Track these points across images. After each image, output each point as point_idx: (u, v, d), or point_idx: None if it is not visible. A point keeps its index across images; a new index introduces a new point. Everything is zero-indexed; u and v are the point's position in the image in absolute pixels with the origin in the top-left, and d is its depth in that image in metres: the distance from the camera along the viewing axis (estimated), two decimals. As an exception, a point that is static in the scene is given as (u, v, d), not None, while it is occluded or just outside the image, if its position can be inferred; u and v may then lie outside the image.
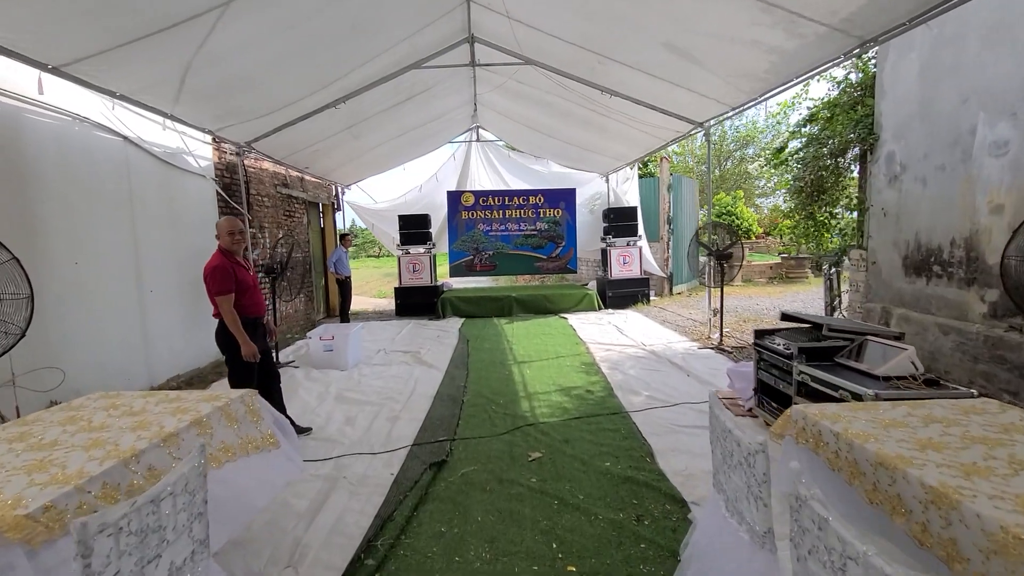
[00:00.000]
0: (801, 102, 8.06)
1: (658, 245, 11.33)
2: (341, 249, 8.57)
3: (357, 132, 7.90)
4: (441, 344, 7.12)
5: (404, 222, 10.50)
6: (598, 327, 8.16)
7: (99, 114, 4.40)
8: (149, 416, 2.19)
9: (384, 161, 10.73)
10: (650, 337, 7.15)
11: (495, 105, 9.10)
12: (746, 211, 13.04)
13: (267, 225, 7.56)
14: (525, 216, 11.45)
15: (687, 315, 9.00)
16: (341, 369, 5.80)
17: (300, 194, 8.92)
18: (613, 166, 10.77)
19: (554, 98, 7.62)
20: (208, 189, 6.08)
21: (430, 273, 10.41)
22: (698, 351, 6.18)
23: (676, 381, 4.99)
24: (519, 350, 6.61)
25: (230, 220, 3.53)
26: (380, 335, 7.98)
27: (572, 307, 9.91)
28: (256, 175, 7.34)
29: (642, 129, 7.67)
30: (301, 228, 8.96)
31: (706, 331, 7.30)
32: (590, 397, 4.57)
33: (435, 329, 8.49)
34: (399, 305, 10.33)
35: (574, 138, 9.34)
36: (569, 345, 6.81)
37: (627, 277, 10.32)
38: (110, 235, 4.51)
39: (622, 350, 6.38)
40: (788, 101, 8.54)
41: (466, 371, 5.63)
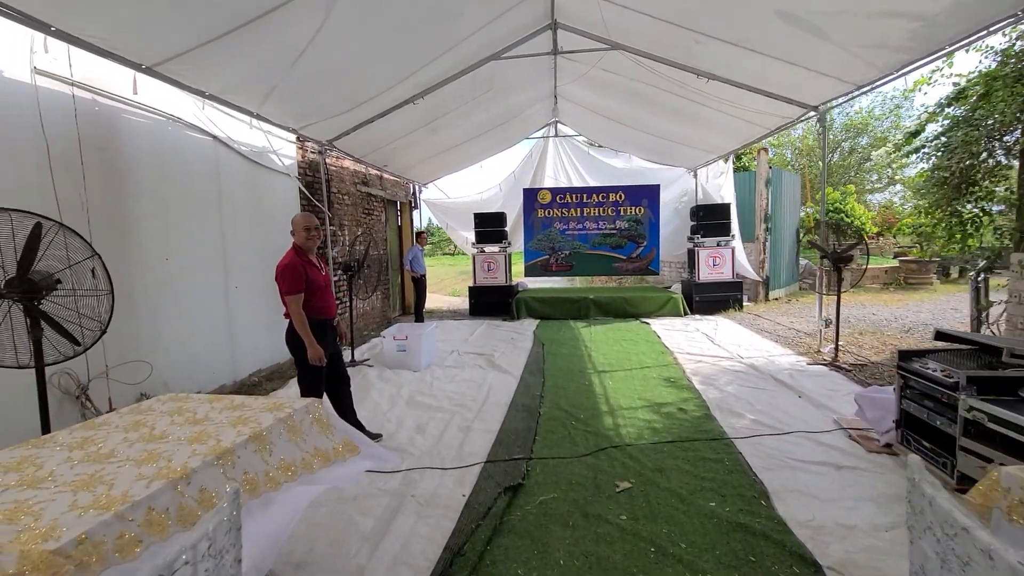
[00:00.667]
0: (940, 79, 6.87)
1: (752, 245, 10.33)
2: (417, 247, 8.53)
3: (435, 128, 7.79)
4: (515, 347, 6.81)
5: (480, 220, 10.34)
6: (685, 334, 7.48)
7: (191, 114, 4.52)
8: (209, 427, 2.03)
9: (461, 159, 10.63)
10: (747, 348, 6.39)
11: (575, 97, 8.66)
12: (858, 208, 11.59)
13: (347, 223, 7.64)
14: (604, 214, 10.91)
15: (788, 324, 8.05)
16: (413, 370, 5.66)
17: (379, 192, 9.00)
18: (703, 159, 9.94)
19: (641, 86, 7.05)
20: (292, 187, 6.18)
21: (505, 272, 10.17)
22: (807, 367, 5.39)
23: (785, 402, 4.31)
24: (599, 357, 6.15)
25: (307, 216, 3.41)
26: (453, 335, 7.83)
27: (654, 311, 9.24)
28: (337, 173, 7.44)
29: (742, 116, 6.90)
30: (379, 226, 9.04)
31: (815, 344, 6.42)
32: (683, 417, 4.04)
33: (509, 331, 8.22)
34: (473, 304, 10.19)
35: (661, 130, 8.67)
36: (654, 354, 6.24)
37: (717, 280, 9.47)
38: (199, 233, 4.63)
39: (715, 362, 5.72)
40: (925, 76, 7.32)
41: (542, 379, 5.27)
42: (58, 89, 3.35)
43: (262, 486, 1.82)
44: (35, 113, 3.19)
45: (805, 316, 8.66)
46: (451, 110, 7.31)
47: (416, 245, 8.58)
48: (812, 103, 5.88)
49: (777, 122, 6.68)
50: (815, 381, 4.86)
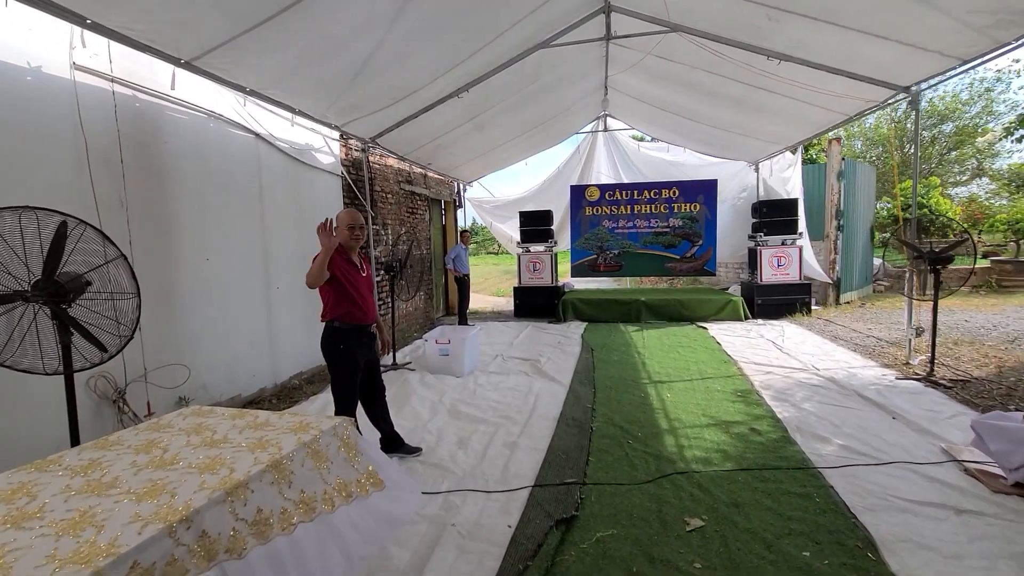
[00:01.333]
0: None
1: (821, 244, 9.50)
2: (460, 246, 8.30)
3: (479, 124, 7.52)
4: (563, 352, 6.44)
5: (525, 218, 10.01)
6: (747, 341, 6.88)
7: (232, 111, 4.42)
8: (226, 451, 1.79)
9: (506, 157, 10.33)
10: (821, 358, 5.76)
11: (628, 88, 8.17)
12: (944, 202, 10.47)
13: (390, 222, 7.50)
14: (656, 212, 10.34)
15: (865, 331, 7.27)
16: (456, 375, 5.40)
17: (423, 191, 8.83)
18: (767, 151, 9.20)
19: (700, 75, 6.51)
20: (335, 186, 6.06)
21: (551, 273, 9.81)
22: (897, 383, 4.74)
23: (877, 424, 3.74)
24: (653, 365, 5.69)
25: (351, 212, 3.16)
26: (497, 338, 7.54)
27: (712, 315, 8.63)
28: (380, 172, 7.30)
29: (816, 102, 6.24)
30: (423, 225, 8.88)
31: (902, 355, 5.70)
32: (757, 439, 3.55)
33: (555, 334, 7.85)
34: (518, 305, 9.88)
35: (721, 120, 8.05)
36: (715, 363, 5.72)
37: (782, 282, 8.74)
38: (240, 232, 4.53)
39: (787, 374, 5.15)
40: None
41: (593, 389, 4.88)
42: (98, 85, 3.28)
43: (275, 528, 1.55)
44: (73, 110, 3.11)
45: (885, 322, 7.82)
46: (495, 105, 7.01)
47: (459, 244, 8.35)
48: (903, 83, 5.19)
49: (858, 107, 5.98)
50: (910, 400, 4.24)
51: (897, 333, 7.00)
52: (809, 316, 8.55)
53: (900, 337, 6.72)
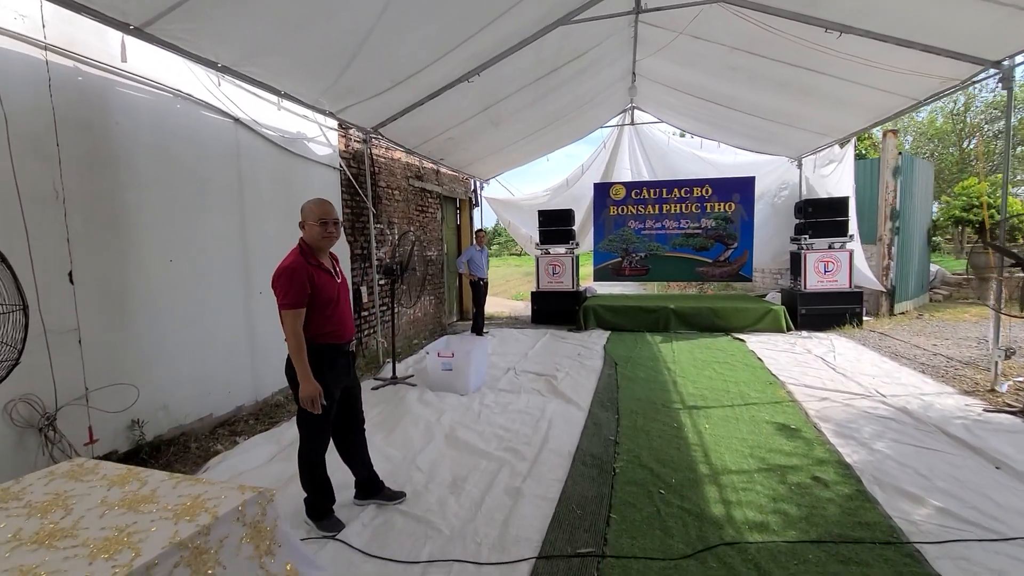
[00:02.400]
0: None
1: (873, 248, 8.56)
2: (474, 247, 7.66)
3: (495, 117, 6.90)
4: (582, 367, 5.75)
5: (544, 218, 9.35)
6: (793, 357, 6.07)
7: (205, 91, 3.89)
8: (55, 556, 1.19)
9: (525, 153, 9.69)
10: (884, 381, 4.93)
11: (657, 75, 7.44)
12: (1015, 203, 9.39)
13: (396, 220, 6.94)
14: (687, 211, 9.55)
15: (930, 348, 6.37)
16: (460, 393, 4.78)
17: (435, 188, 8.26)
18: (813, 145, 8.33)
19: (741, 56, 5.76)
20: (332, 180, 5.51)
21: (572, 276, 9.12)
22: (987, 417, 3.91)
23: (977, 476, 2.96)
24: (686, 385, 4.96)
25: (322, 203, 2.54)
26: (511, 348, 6.90)
27: (749, 325, 7.81)
28: (386, 166, 6.75)
29: (875, 83, 5.41)
30: (434, 224, 8.30)
31: (986, 380, 4.83)
32: (825, 495, 2.81)
33: (575, 344, 7.16)
34: (535, 312, 9.22)
35: (763, 108, 7.24)
36: (758, 384, 4.95)
37: (829, 290, 7.86)
38: (215, 230, 4.00)
39: (848, 401, 4.35)
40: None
41: (616, 415, 4.18)
42: (25, 53, 2.76)
43: None
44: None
45: (951, 337, 6.89)
46: (511, 94, 6.37)
47: (473, 245, 7.72)
48: (993, 56, 4.35)
49: (931, 87, 5.14)
50: (1011, 441, 3.42)
51: (970, 351, 6.09)
52: (860, 328, 7.66)
53: (976, 356, 5.82)
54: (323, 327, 2.48)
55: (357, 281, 5.89)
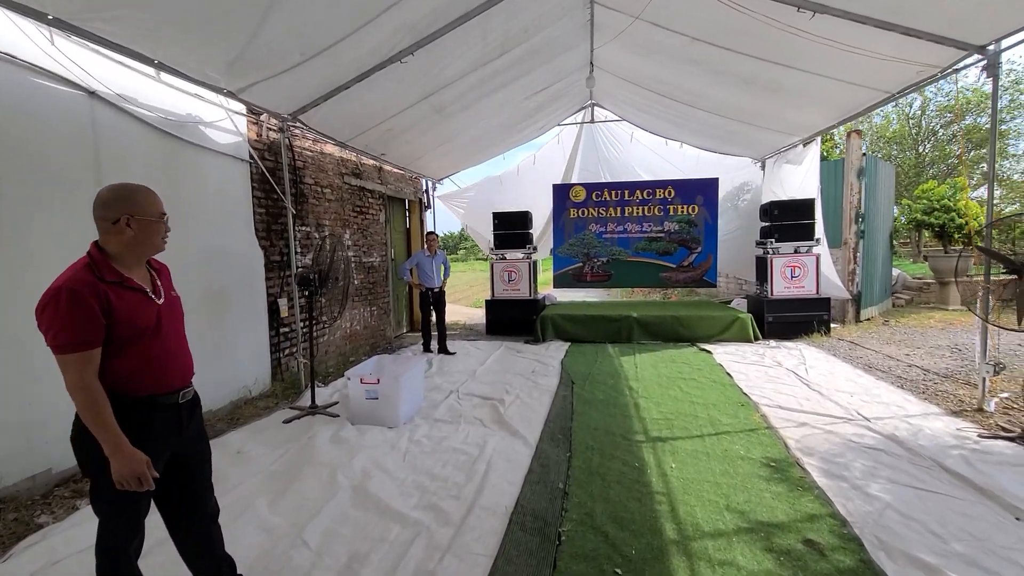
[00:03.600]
0: None
1: (838, 252, 8.27)
2: (422, 253, 6.86)
3: (438, 105, 6.19)
4: (535, 388, 5.09)
5: (499, 220, 8.69)
6: (763, 371, 5.58)
7: (43, 54, 3.04)
8: None
9: (479, 150, 9.02)
10: (864, 400, 4.47)
11: (617, 66, 6.90)
12: (973, 206, 9.31)
13: (328, 222, 6.13)
14: (650, 214, 9.09)
15: (903, 358, 6.01)
16: (388, 426, 4.03)
17: (377, 187, 7.47)
18: (777, 145, 7.97)
19: (702, 48, 5.26)
20: (238, 174, 4.69)
21: (529, 283, 8.48)
22: (985, 444, 3.44)
23: (996, 530, 2.43)
24: (650, 409, 4.36)
25: (149, 191, 1.79)
26: (459, 364, 6.18)
27: (716, 335, 7.34)
28: (315, 160, 5.93)
29: (846, 76, 5.00)
30: (377, 227, 7.51)
31: (970, 396, 4.43)
32: (822, 568, 2.22)
33: (530, 358, 6.51)
34: (490, 322, 8.54)
35: (727, 106, 6.80)
36: (729, 406, 4.40)
37: (796, 296, 7.49)
38: (55, 231, 3.13)
39: (830, 427, 3.83)
40: None
41: (568, 451, 3.52)
42: None
43: None
44: None
45: (922, 346, 6.57)
46: (454, 80, 5.69)
47: (422, 250, 6.93)
48: (977, 41, 3.94)
49: (905, 78, 4.73)
50: (1021, 478, 2.94)
51: (945, 361, 5.75)
52: (828, 337, 7.30)
53: (953, 368, 5.46)
54: (131, 372, 1.69)
55: (275, 292, 5.07)
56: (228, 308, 4.47)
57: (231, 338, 4.48)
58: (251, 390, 4.69)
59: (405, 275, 6.75)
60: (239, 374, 4.56)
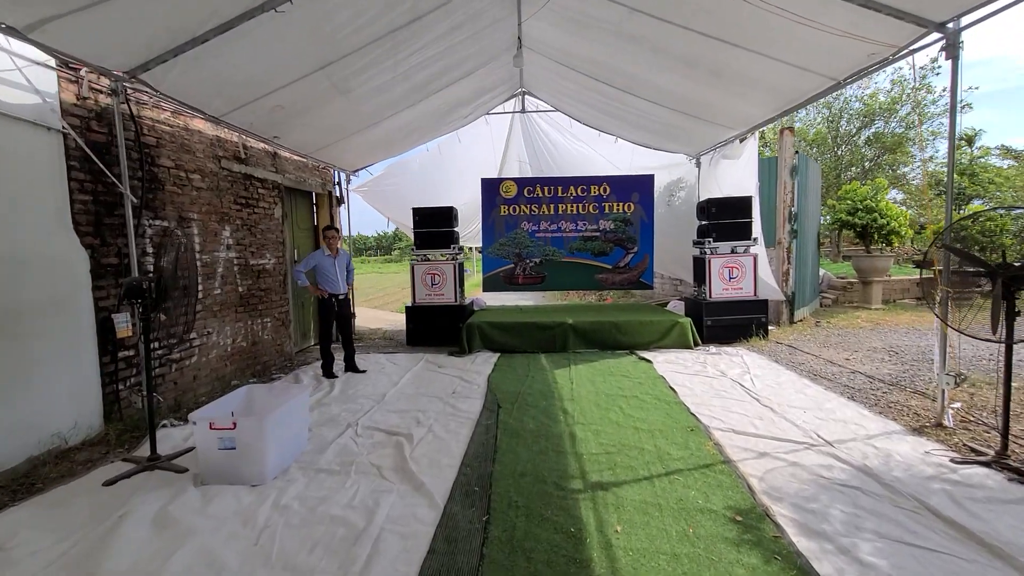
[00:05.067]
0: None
1: (772, 252, 8.06)
2: (321, 252, 5.79)
3: (341, 83, 5.19)
4: (453, 416, 4.25)
5: (420, 217, 7.76)
6: (708, 384, 5.07)
7: None
8: None
9: (397, 140, 8.03)
10: (819, 416, 4.01)
11: (548, 46, 6.19)
12: (893, 207, 9.51)
13: (197, 216, 4.95)
14: (585, 212, 8.53)
15: (843, 362, 5.74)
16: (251, 484, 3.04)
17: (271, 175, 6.32)
18: (715, 140, 7.61)
19: (643, 21, 4.65)
20: (42, 148, 3.48)
21: (455, 287, 7.61)
22: (963, 473, 3.00)
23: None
24: (588, 440, 3.64)
25: None
26: (367, 386, 5.22)
27: (655, 341, 6.83)
28: (176, 138, 4.75)
29: (794, 60, 4.57)
30: (269, 223, 6.34)
31: (923, 407, 4.08)
32: None
33: (453, 374, 5.66)
34: (411, 331, 7.59)
35: (666, 95, 6.29)
36: (677, 432, 3.77)
37: (734, 298, 7.15)
38: None
39: (794, 458, 3.28)
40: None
41: (486, 512, 2.71)
42: None
43: None
44: None
45: (859, 348, 6.38)
46: (359, 48, 4.73)
47: (321, 249, 5.85)
48: (936, 17, 3.54)
49: (857, 61, 4.33)
50: (1014, 519, 2.47)
51: (886, 366, 5.51)
52: (766, 340, 7.01)
53: (895, 373, 5.21)
54: None
55: (110, 307, 3.87)
56: (27, 331, 3.28)
57: (31, 371, 3.29)
58: (67, 438, 3.50)
59: (300, 279, 5.66)
60: (45, 418, 3.37)
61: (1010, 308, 3.04)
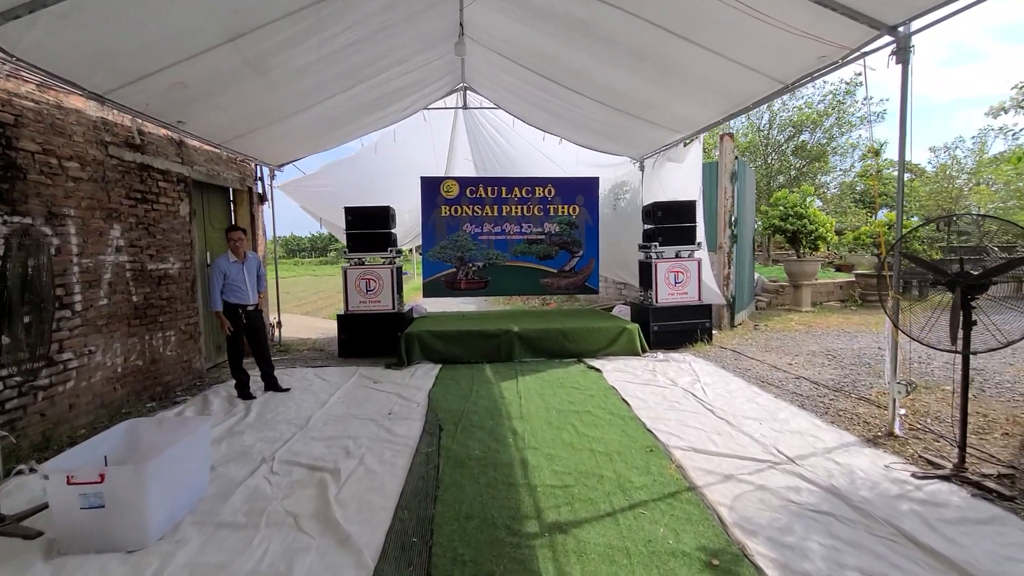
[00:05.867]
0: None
1: (714, 256, 8.12)
2: (224, 259, 4.90)
3: (256, 60, 4.53)
4: (389, 444, 3.74)
5: (353, 217, 7.13)
6: (660, 393, 4.88)
7: None
8: None
9: (326, 131, 7.35)
10: (774, 428, 3.88)
11: (491, 35, 5.81)
12: (819, 214, 9.93)
13: (75, 213, 4.13)
14: (529, 214, 8.23)
15: (786, 366, 5.76)
16: (128, 549, 2.42)
17: (174, 166, 5.50)
18: (659, 143, 7.53)
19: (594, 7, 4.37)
20: None
21: (392, 293, 7.04)
22: (927, 490, 2.90)
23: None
24: (542, 468, 3.28)
25: None
26: (289, 408, 4.60)
27: (603, 348, 6.62)
28: (44, 117, 3.93)
29: (745, 60, 4.46)
30: (172, 222, 5.52)
31: (869, 414, 4.06)
32: None
33: (390, 390, 5.14)
34: (343, 341, 6.95)
35: (612, 94, 6.08)
36: (635, 452, 3.49)
37: (680, 303, 7.08)
38: None
39: (757, 477, 3.07)
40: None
41: (426, 572, 2.26)
42: None
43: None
44: None
45: (800, 353, 6.46)
46: (278, 19, 4.12)
47: (225, 255, 5.07)
48: (889, 20, 3.48)
49: (807, 64, 4.26)
50: (992, 541, 2.35)
51: (827, 371, 5.56)
52: (711, 345, 6.99)
53: (837, 379, 5.25)
54: None
55: (-56, 323, 3.05)
56: None
57: None
58: None
59: (217, 305, 4.84)
60: None
61: (967, 317, 2.98)
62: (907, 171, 21.00)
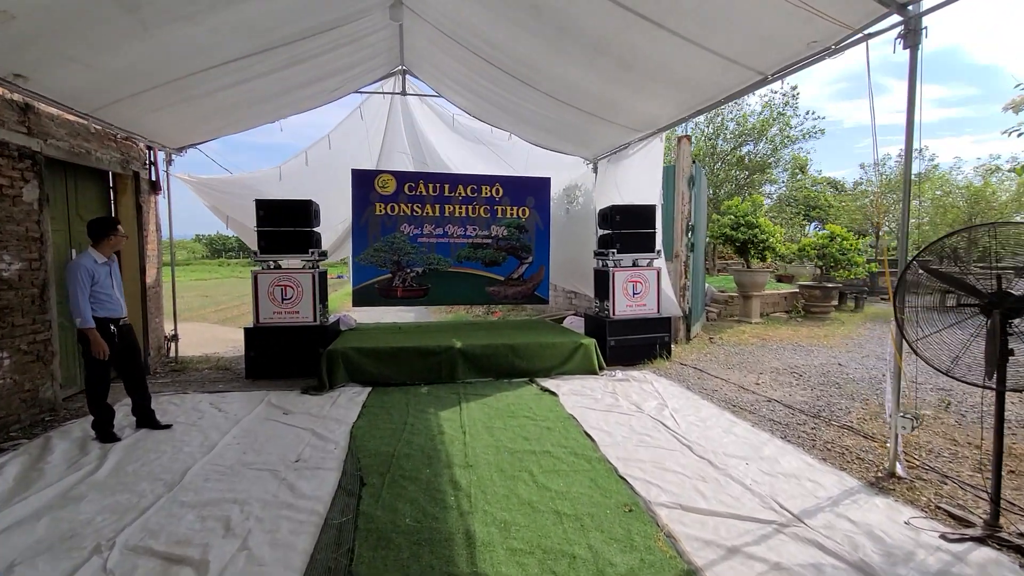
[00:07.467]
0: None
1: (671, 265, 7.67)
2: (88, 257, 3.79)
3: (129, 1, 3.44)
4: (289, 512, 2.79)
5: (267, 212, 6.02)
6: (627, 423, 4.22)
7: None
8: None
9: (237, 108, 6.20)
10: (764, 470, 3.30)
11: (436, 12, 4.97)
12: (768, 224, 9.81)
13: None
14: (475, 215, 7.44)
15: (754, 387, 5.31)
16: None
17: (13, 137, 4.22)
18: (615, 143, 6.97)
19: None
20: None
21: (313, 303, 5.99)
22: (966, 555, 2.37)
23: None
24: (495, 543, 2.47)
25: None
26: (166, 453, 3.51)
27: (556, 367, 5.91)
28: None
29: (720, 48, 3.91)
30: (12, 211, 4.24)
31: (864, 450, 3.57)
32: None
33: (303, 425, 4.15)
34: (252, 360, 5.82)
35: (567, 86, 5.40)
36: (612, 515, 2.77)
37: (639, 316, 6.53)
38: None
39: (768, 551, 2.42)
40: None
41: None
42: None
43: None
44: None
45: (764, 370, 6.06)
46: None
47: (87, 252, 3.91)
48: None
49: (795, 51, 3.76)
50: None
51: (797, 392, 5.15)
52: (670, 361, 6.47)
53: (810, 401, 4.83)
54: None
55: None
56: None
57: None
58: None
59: (88, 319, 3.69)
60: None
61: (1004, 347, 2.49)
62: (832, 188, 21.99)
